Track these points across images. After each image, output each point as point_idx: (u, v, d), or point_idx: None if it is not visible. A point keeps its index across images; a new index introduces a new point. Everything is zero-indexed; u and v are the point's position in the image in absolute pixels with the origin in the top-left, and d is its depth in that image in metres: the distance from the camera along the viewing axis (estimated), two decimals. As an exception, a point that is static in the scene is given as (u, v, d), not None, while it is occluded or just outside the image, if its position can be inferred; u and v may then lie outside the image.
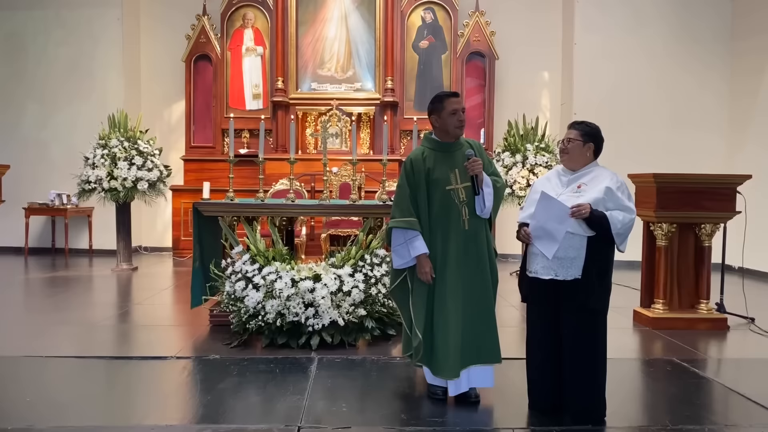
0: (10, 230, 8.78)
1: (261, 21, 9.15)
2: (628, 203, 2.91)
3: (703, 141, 8.50)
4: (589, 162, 3.04)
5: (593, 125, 3.06)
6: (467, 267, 3.13)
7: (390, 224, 3.18)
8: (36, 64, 9.05)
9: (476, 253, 3.15)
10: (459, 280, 3.11)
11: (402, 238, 3.14)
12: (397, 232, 3.15)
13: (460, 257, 3.12)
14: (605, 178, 2.95)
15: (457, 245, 3.12)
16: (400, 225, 3.13)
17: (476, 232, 3.16)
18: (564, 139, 3.05)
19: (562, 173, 3.09)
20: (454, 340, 3.07)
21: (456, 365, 3.08)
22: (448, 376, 3.09)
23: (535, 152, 7.38)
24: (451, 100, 3.18)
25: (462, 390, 3.16)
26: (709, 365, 4.07)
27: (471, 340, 3.11)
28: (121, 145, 7.43)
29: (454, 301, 3.09)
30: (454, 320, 3.08)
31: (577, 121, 3.10)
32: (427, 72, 9.09)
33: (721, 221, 5.01)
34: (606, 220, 2.84)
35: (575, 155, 3.02)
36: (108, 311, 5.34)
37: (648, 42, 8.57)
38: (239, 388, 3.41)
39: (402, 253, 3.16)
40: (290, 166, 5.02)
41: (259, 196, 4.93)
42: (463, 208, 3.13)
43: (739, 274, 6.42)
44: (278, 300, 4.14)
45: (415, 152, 3.26)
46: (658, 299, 5.01)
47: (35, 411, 3.05)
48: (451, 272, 3.11)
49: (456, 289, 3.10)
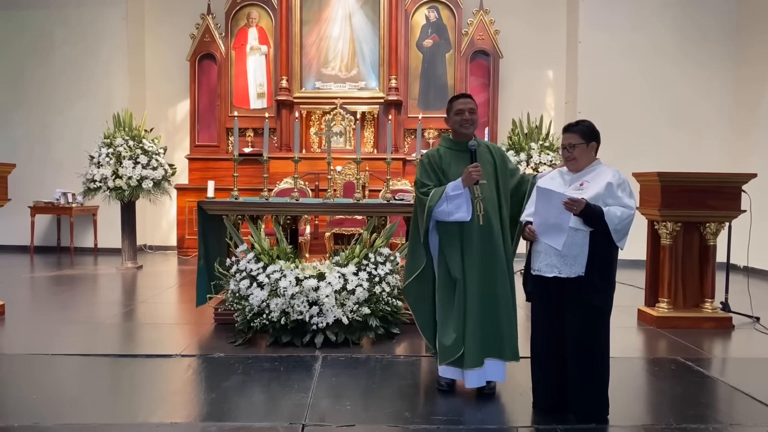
0: (16, 229, 8.82)
1: (265, 20, 9.16)
2: (628, 200, 2.90)
3: (709, 139, 8.47)
4: (593, 160, 3.04)
5: (588, 122, 3.05)
6: (487, 261, 3.17)
7: (429, 205, 3.18)
8: (41, 63, 9.08)
9: (493, 249, 3.18)
10: (478, 274, 3.15)
11: (440, 200, 3.15)
12: (433, 201, 3.16)
13: (479, 251, 3.16)
14: (607, 175, 2.95)
15: (475, 241, 3.16)
16: (435, 196, 3.17)
17: (491, 228, 3.18)
18: (566, 145, 3.01)
19: (565, 173, 3.09)
20: (479, 331, 3.13)
21: (481, 354, 3.14)
22: (472, 365, 3.12)
23: (539, 151, 7.38)
24: (458, 101, 3.32)
25: (481, 383, 3.20)
26: (714, 364, 4.06)
27: (492, 333, 3.16)
28: (126, 144, 7.46)
29: (474, 292, 3.14)
30: (477, 311, 3.13)
31: (570, 124, 3.07)
32: (431, 71, 9.08)
33: (726, 220, 4.99)
34: (602, 215, 2.83)
35: (582, 158, 3.01)
36: (113, 309, 5.36)
37: (653, 40, 8.54)
38: (244, 386, 3.42)
39: (452, 202, 3.14)
40: (294, 165, 5.02)
41: (263, 194, 4.94)
42: (478, 203, 3.17)
43: (744, 273, 6.41)
44: (282, 298, 4.15)
45: (431, 150, 3.39)
46: (663, 298, 4.99)
47: (41, 408, 3.06)
48: (472, 265, 3.15)
49: (477, 282, 3.15)
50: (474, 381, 3.18)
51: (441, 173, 3.26)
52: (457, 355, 3.15)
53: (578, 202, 2.82)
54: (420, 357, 4.04)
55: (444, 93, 8.98)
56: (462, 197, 3.14)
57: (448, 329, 3.18)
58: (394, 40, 8.89)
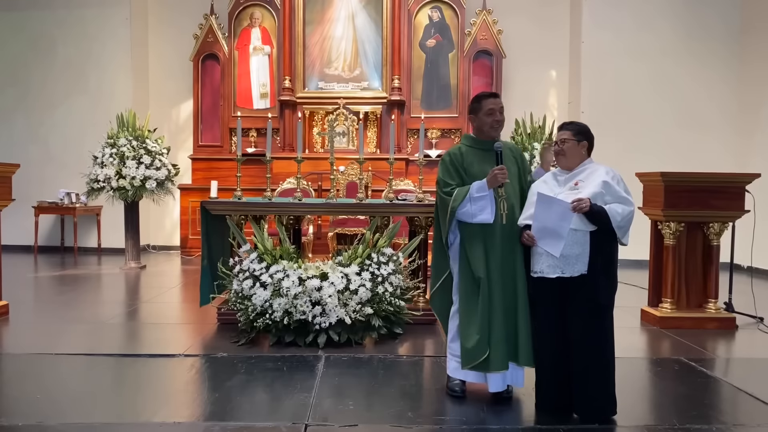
0: (20, 229, 8.82)
1: (268, 20, 9.17)
2: (626, 195, 2.94)
3: (712, 139, 8.44)
4: (584, 160, 3.08)
5: (582, 124, 3.13)
6: (508, 261, 3.13)
7: (452, 205, 3.13)
8: (45, 63, 9.11)
9: (514, 249, 3.14)
10: (500, 275, 3.11)
11: (464, 201, 3.11)
12: (457, 202, 3.13)
13: (501, 251, 3.12)
14: (601, 173, 2.98)
15: (498, 241, 3.12)
16: (459, 197, 3.12)
17: (514, 228, 3.15)
18: (558, 141, 3.09)
19: (558, 173, 3.13)
20: (504, 333, 3.08)
21: (506, 357, 3.09)
22: (499, 368, 3.07)
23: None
24: (488, 100, 3.24)
25: (503, 387, 3.15)
26: (717, 365, 4.06)
27: (511, 336, 3.11)
28: (130, 144, 7.48)
29: (498, 293, 3.09)
30: (502, 313, 3.09)
31: (566, 122, 3.18)
32: (434, 71, 9.08)
33: (730, 220, 4.98)
34: (605, 213, 2.87)
35: (571, 155, 3.06)
36: (116, 309, 5.37)
37: (656, 39, 8.52)
38: (247, 386, 3.42)
39: (476, 204, 3.10)
40: (297, 165, 5.03)
41: (266, 194, 4.94)
42: (502, 203, 3.14)
43: (748, 273, 6.39)
44: (285, 298, 4.15)
45: (453, 148, 3.33)
46: (666, 298, 4.98)
47: (45, 408, 3.07)
48: (495, 265, 3.11)
49: (500, 283, 3.10)
50: (498, 385, 3.13)
51: (463, 172, 3.21)
52: (482, 358, 3.07)
53: (584, 202, 2.84)
54: (423, 357, 4.04)
55: (447, 93, 8.99)
56: (486, 199, 3.09)
57: (471, 331, 3.10)
58: (397, 40, 8.90)
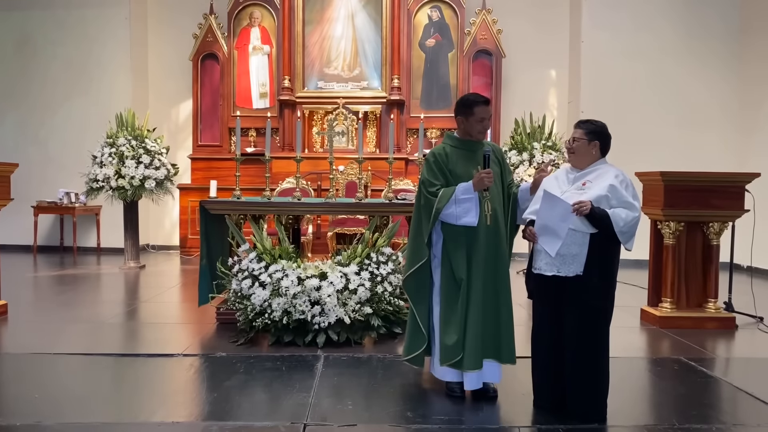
0: (19, 228, 8.83)
1: (268, 20, 9.16)
2: (632, 200, 2.90)
3: (712, 139, 8.44)
4: (596, 160, 3.05)
5: (599, 123, 3.08)
6: (491, 262, 3.15)
7: (437, 206, 3.13)
8: (44, 63, 9.11)
9: (497, 250, 3.17)
10: (482, 275, 3.13)
11: (449, 203, 3.11)
12: (442, 203, 3.12)
13: (485, 252, 3.14)
14: (610, 176, 2.95)
15: (481, 242, 3.14)
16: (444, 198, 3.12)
17: (498, 229, 3.18)
18: (570, 139, 3.08)
19: (569, 171, 3.12)
20: (480, 332, 3.10)
21: (479, 356, 3.12)
22: (472, 367, 3.10)
23: (542, 151, 7.35)
24: (481, 108, 3.21)
25: (478, 386, 3.18)
26: (717, 364, 4.05)
27: (491, 335, 3.14)
28: (129, 143, 7.47)
29: (478, 294, 3.12)
30: (480, 313, 3.11)
31: (582, 120, 3.14)
32: (433, 70, 9.08)
33: (730, 220, 4.97)
34: (608, 217, 2.84)
35: (581, 154, 3.04)
36: (116, 309, 5.36)
37: (656, 39, 8.51)
38: (246, 386, 3.42)
39: (461, 206, 3.10)
40: (297, 165, 5.03)
41: (265, 194, 4.94)
42: (486, 203, 3.15)
43: (748, 273, 6.38)
44: (284, 298, 4.15)
45: (437, 148, 3.32)
46: (666, 298, 4.98)
47: (43, 407, 3.07)
48: (477, 266, 3.13)
49: (481, 283, 3.12)
50: (473, 383, 3.18)
51: (448, 172, 3.21)
52: (457, 358, 3.13)
53: (584, 205, 2.83)
54: (422, 357, 4.03)
55: (446, 93, 8.99)
56: (471, 201, 3.10)
57: (450, 330, 3.15)
58: (396, 40, 8.89)
